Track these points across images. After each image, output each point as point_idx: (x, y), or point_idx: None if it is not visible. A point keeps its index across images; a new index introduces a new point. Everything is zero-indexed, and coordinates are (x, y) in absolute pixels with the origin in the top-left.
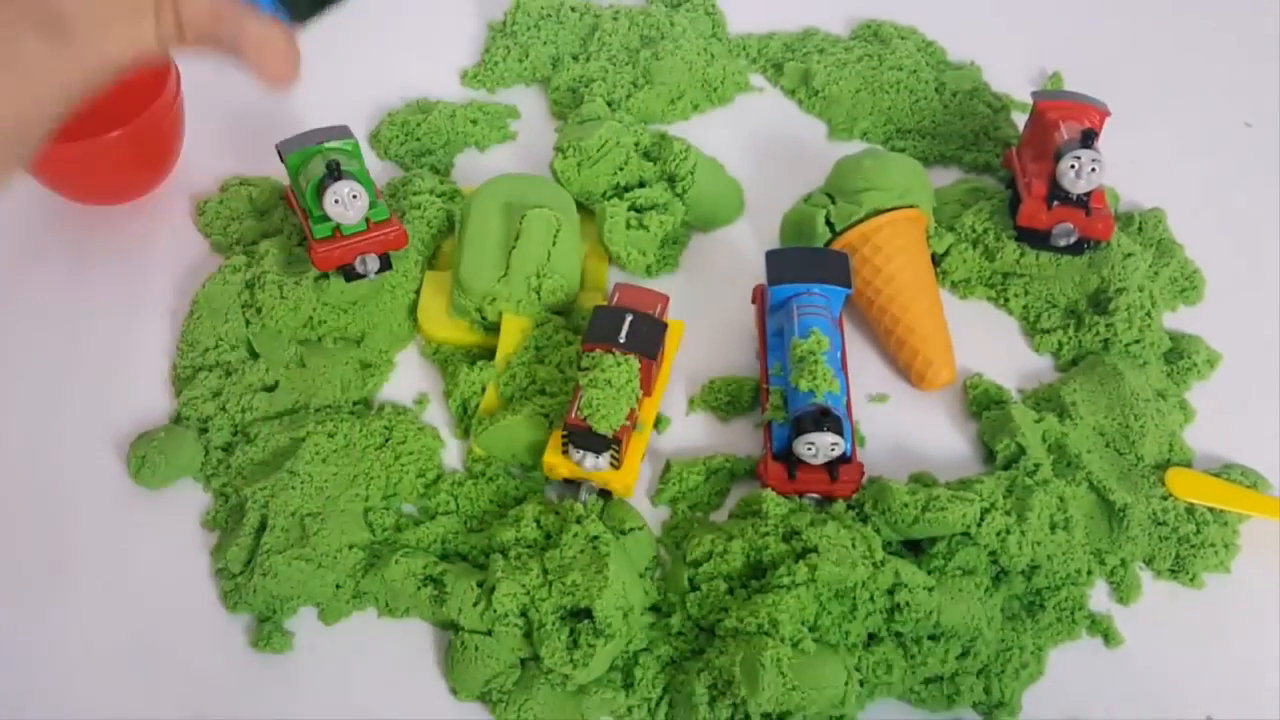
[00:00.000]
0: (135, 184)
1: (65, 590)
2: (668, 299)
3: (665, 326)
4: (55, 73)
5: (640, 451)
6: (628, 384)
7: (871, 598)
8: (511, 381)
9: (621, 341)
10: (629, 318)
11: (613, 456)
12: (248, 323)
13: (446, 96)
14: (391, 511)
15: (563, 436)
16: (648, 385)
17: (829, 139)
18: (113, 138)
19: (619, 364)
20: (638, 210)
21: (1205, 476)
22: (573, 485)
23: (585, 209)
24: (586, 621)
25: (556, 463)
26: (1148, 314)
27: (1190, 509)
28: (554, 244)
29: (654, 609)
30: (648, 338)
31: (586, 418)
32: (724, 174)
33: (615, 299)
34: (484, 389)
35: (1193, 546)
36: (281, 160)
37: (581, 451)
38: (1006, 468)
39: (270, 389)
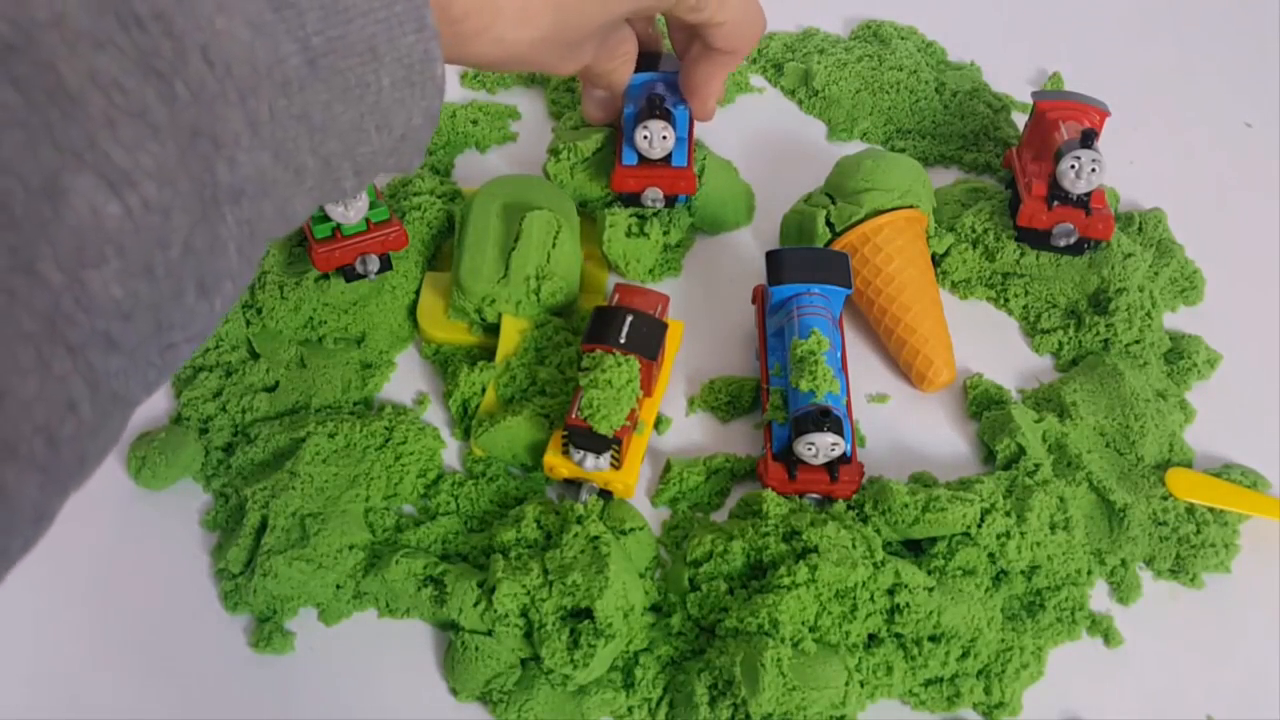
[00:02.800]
0: None
1: (65, 591)
2: (667, 299)
3: (665, 327)
4: None
5: (640, 452)
6: (628, 384)
7: (872, 598)
8: (511, 383)
9: (621, 342)
10: (629, 318)
11: (613, 457)
12: (248, 323)
13: (446, 97)
14: (392, 512)
15: (563, 437)
16: (648, 385)
17: (829, 139)
18: None
19: (619, 364)
20: (641, 217)
21: (1205, 476)
22: (573, 485)
23: (587, 211)
24: (587, 622)
25: (557, 463)
26: (1148, 314)
27: (1190, 509)
28: (554, 246)
29: (654, 609)
30: (648, 338)
31: (587, 418)
32: (736, 178)
33: (615, 299)
34: (484, 389)
35: (1193, 546)
36: None
37: (582, 452)
38: (1006, 468)
39: (271, 389)
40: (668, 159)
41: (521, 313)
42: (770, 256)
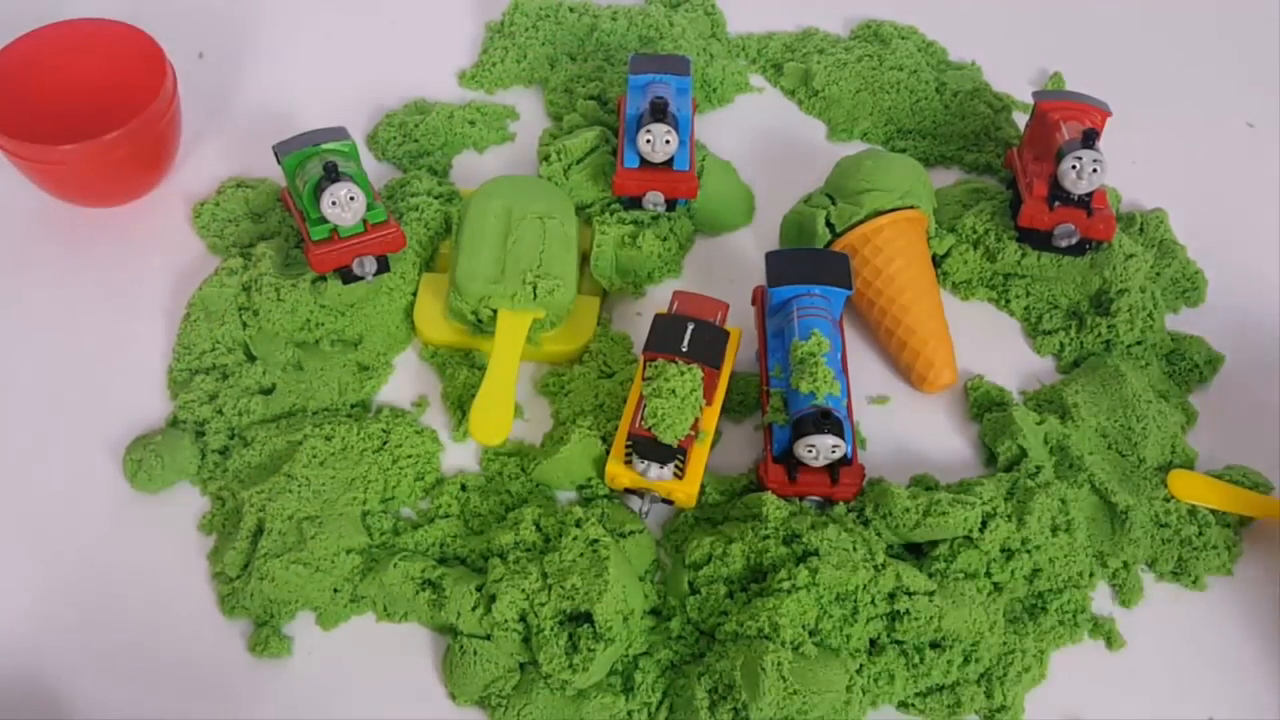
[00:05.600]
0: (132, 186)
1: (62, 594)
2: (727, 306)
3: (727, 335)
4: None
5: (702, 461)
6: (691, 393)
7: (873, 601)
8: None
9: (684, 350)
10: (690, 326)
11: (677, 466)
12: (244, 325)
13: (444, 97)
14: (389, 515)
15: (627, 447)
16: (710, 394)
17: (829, 139)
18: (109, 139)
19: (682, 373)
20: (638, 223)
21: (1207, 478)
22: (633, 494)
23: (584, 216)
24: (586, 626)
25: (618, 472)
26: (1150, 315)
27: (1192, 511)
28: (552, 247)
29: (654, 612)
30: (710, 346)
31: (651, 427)
32: (736, 178)
33: (674, 307)
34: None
35: (1195, 548)
36: (278, 162)
37: (646, 462)
38: (1008, 470)
39: (267, 392)
40: (670, 162)
41: (518, 305)
42: (770, 257)
